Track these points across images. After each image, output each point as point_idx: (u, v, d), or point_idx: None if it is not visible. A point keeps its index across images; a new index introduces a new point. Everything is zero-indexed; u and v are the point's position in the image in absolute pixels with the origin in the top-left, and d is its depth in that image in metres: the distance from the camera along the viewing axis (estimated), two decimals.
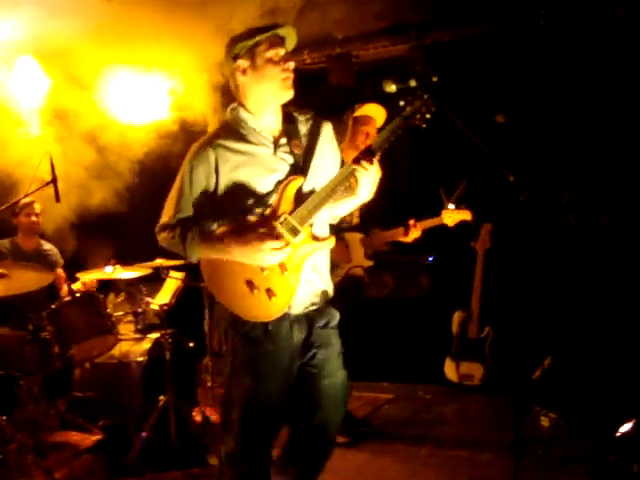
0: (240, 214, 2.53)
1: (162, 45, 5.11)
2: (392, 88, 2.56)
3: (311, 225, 2.55)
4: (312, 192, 2.56)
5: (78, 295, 4.56)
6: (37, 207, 5.18)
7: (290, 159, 2.60)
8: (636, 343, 4.54)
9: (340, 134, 3.34)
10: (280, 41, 2.55)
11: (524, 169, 4.69)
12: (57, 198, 4.06)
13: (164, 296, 5.21)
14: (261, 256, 2.44)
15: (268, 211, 2.52)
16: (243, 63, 2.56)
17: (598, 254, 5.01)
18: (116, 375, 4.51)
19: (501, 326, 5.28)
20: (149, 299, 4.93)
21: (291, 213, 2.50)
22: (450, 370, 5.47)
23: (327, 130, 2.73)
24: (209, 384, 5.49)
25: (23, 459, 4.02)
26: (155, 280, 5.25)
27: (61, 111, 5.52)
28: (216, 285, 2.57)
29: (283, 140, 2.62)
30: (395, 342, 5.72)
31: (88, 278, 4.84)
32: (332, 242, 2.60)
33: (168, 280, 5.26)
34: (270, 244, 2.43)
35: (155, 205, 7.17)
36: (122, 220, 6.15)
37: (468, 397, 5.26)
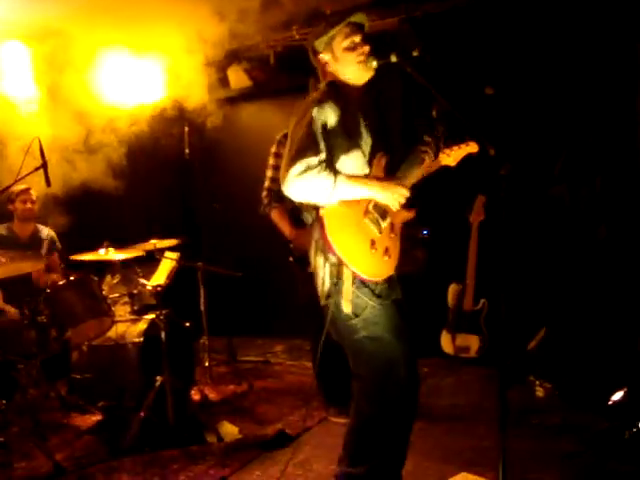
0: (350, 166, 2.74)
1: (153, 25, 5.08)
2: (373, 64, 2.60)
3: None
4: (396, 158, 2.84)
5: (73, 278, 4.57)
6: (33, 193, 5.16)
7: (371, 127, 2.81)
8: (628, 313, 4.56)
9: None
10: (354, 28, 2.77)
11: (513, 141, 4.72)
12: (47, 183, 4.05)
13: (159, 277, 5.23)
14: (397, 196, 2.72)
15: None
16: (324, 57, 2.83)
17: (592, 224, 5.01)
18: (113, 356, 4.53)
19: (496, 298, 5.29)
20: (144, 280, 4.94)
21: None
22: (446, 342, 5.50)
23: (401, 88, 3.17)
24: (206, 363, 5.55)
25: (24, 442, 4.06)
26: (150, 261, 5.27)
27: (51, 94, 5.51)
28: (342, 242, 2.66)
29: (367, 112, 2.83)
30: None
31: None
32: (415, 213, 2.88)
33: (163, 261, 5.27)
34: (402, 185, 2.75)
35: (148, 186, 7.21)
36: (116, 201, 6.16)
37: (464, 369, 5.30)
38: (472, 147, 2.95)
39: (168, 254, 5.26)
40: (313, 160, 2.60)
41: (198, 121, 5.96)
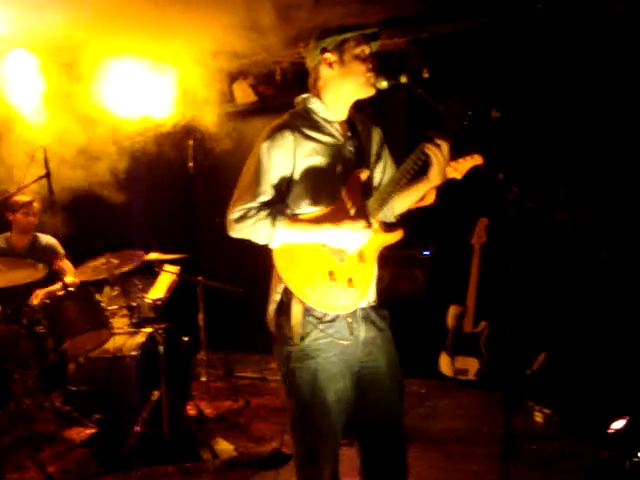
0: (309, 202, 2.54)
1: (160, 40, 5.10)
2: (383, 85, 2.54)
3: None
4: (372, 186, 2.66)
5: (72, 289, 4.54)
6: (36, 206, 5.10)
7: (354, 152, 2.66)
8: (630, 340, 4.54)
9: None
10: (367, 40, 2.61)
11: (518, 164, 4.72)
12: (50, 191, 4.05)
13: (159, 290, 5.21)
14: (352, 237, 2.50)
15: (337, 202, 2.55)
16: (331, 57, 2.60)
17: (594, 250, 5.00)
18: (110, 369, 4.49)
19: (497, 321, 5.28)
20: (144, 293, 4.92)
21: (360, 205, 2.57)
22: (445, 364, 5.47)
23: (380, 134, 2.80)
24: (204, 378, 5.52)
25: (17, 453, 4.03)
26: (150, 274, 5.26)
27: (57, 103, 5.51)
28: (294, 276, 2.49)
29: (349, 134, 2.68)
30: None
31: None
32: (401, 234, 2.66)
33: (163, 274, 5.26)
34: (360, 224, 2.48)
35: (151, 199, 7.20)
36: (117, 213, 6.15)
37: (463, 392, 5.27)
38: (477, 159, 2.87)
39: (168, 267, 5.25)
40: (251, 205, 2.45)
41: (203, 135, 5.97)
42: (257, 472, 3.87)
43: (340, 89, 2.62)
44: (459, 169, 2.97)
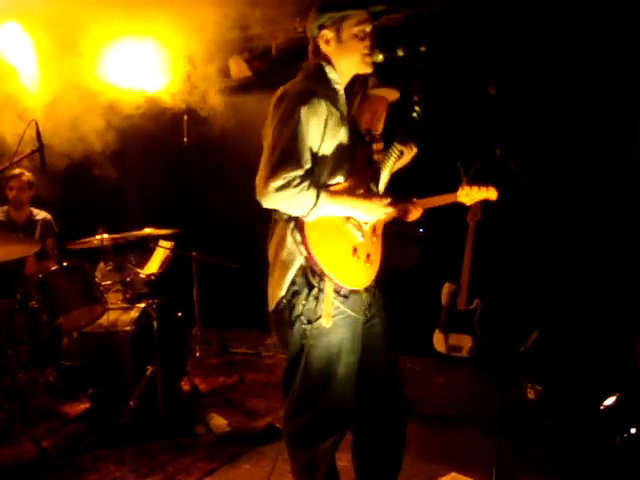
0: (331, 173, 2.52)
1: (155, 13, 5.04)
2: (379, 58, 2.51)
3: None
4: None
5: (66, 264, 4.53)
6: (24, 179, 5.09)
7: (354, 126, 2.65)
8: (622, 317, 4.56)
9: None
10: (370, 18, 2.54)
11: (515, 142, 4.69)
12: (43, 164, 4.00)
13: (153, 265, 5.20)
14: (380, 212, 2.56)
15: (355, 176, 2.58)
16: (328, 34, 2.55)
17: (586, 228, 5.00)
18: (104, 344, 4.50)
19: (490, 299, 5.29)
20: (137, 268, 4.91)
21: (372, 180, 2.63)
22: (439, 342, 5.48)
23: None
24: (198, 354, 5.53)
25: (11, 427, 4.03)
26: (144, 249, 5.24)
27: (50, 76, 5.45)
28: (323, 251, 2.46)
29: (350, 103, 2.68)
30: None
31: None
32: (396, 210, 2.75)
33: (157, 249, 5.25)
34: (387, 200, 2.56)
35: (145, 174, 7.15)
36: (111, 187, 6.12)
37: (456, 369, 5.28)
38: (491, 194, 2.90)
39: (162, 243, 5.23)
40: (296, 174, 2.35)
41: (198, 110, 5.92)
42: (251, 447, 3.89)
43: (339, 64, 2.58)
44: (471, 196, 2.99)
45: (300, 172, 2.36)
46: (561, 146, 5.15)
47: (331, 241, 2.50)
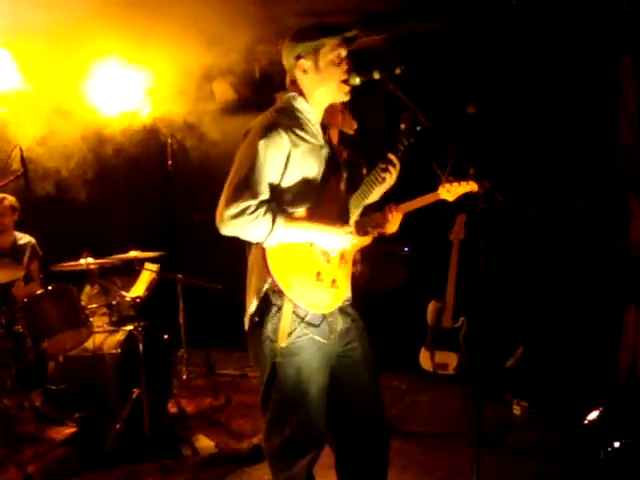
0: (297, 201, 2.55)
1: (140, 36, 5.07)
2: (356, 81, 2.55)
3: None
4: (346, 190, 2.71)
5: (51, 288, 4.53)
6: (7, 203, 5.06)
7: (330, 155, 2.67)
8: (604, 334, 4.60)
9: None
10: (343, 42, 2.59)
11: (494, 160, 4.76)
12: (27, 188, 4.03)
13: (139, 288, 5.20)
14: (341, 240, 2.59)
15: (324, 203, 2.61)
16: (305, 63, 2.58)
17: (569, 245, 5.06)
18: (90, 368, 4.49)
19: (475, 316, 5.32)
20: (123, 291, 4.91)
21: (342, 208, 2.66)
22: (425, 359, 5.51)
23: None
24: (184, 376, 5.52)
25: None
26: (130, 272, 5.24)
27: (34, 99, 5.47)
28: (284, 274, 2.50)
29: (325, 136, 2.69)
30: (371, 332, 5.74)
31: None
32: (371, 238, 2.78)
33: (143, 272, 5.25)
34: (349, 229, 2.61)
35: (131, 197, 7.15)
36: (97, 211, 6.13)
37: (443, 386, 5.30)
38: (472, 186, 2.93)
39: (148, 265, 5.24)
40: (251, 203, 2.41)
41: (182, 133, 5.96)
42: (238, 468, 3.89)
43: (317, 93, 2.62)
44: (452, 192, 3.03)
45: (254, 202, 2.42)
46: (540, 163, 5.23)
47: (293, 265, 2.53)
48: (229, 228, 2.45)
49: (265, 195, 2.46)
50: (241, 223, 2.42)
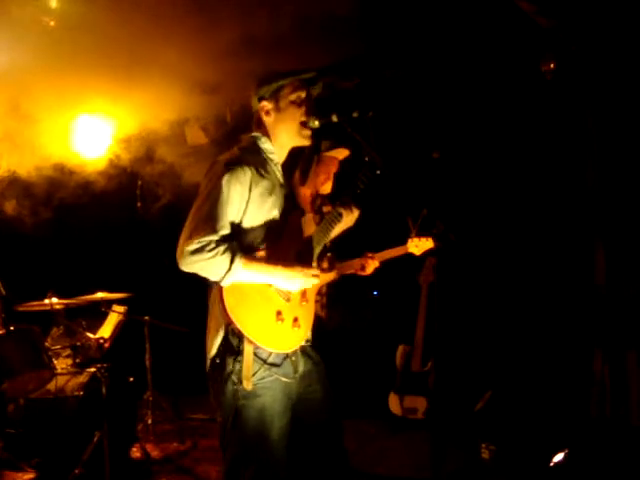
0: (256, 240, 2.56)
1: (109, 80, 5.11)
2: (315, 124, 2.61)
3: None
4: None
5: (12, 329, 4.44)
6: None
7: (287, 195, 2.71)
8: (572, 376, 4.62)
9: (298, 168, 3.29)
10: (303, 84, 2.66)
11: (460, 201, 4.83)
12: None
13: (105, 330, 5.14)
14: (302, 281, 2.57)
15: (283, 242, 2.62)
16: (267, 105, 2.67)
17: (537, 287, 5.10)
18: (51, 410, 4.37)
19: (444, 360, 5.31)
20: (89, 332, 4.85)
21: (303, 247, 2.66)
22: (394, 404, 5.47)
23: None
24: (149, 420, 5.41)
25: None
26: (97, 313, 5.18)
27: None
28: (243, 315, 2.47)
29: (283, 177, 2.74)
30: (339, 376, 5.70)
31: None
32: (335, 274, 2.82)
33: (110, 313, 5.19)
34: (311, 270, 2.59)
35: (99, 239, 7.11)
36: (64, 252, 6.08)
37: (412, 431, 5.25)
38: (434, 243, 3.01)
39: (115, 307, 5.19)
40: (211, 238, 2.40)
41: (153, 175, 5.97)
42: None
43: (280, 134, 2.69)
44: (420, 247, 3.27)
45: (215, 237, 2.42)
46: (506, 208, 5.31)
47: (252, 304, 2.51)
48: (188, 264, 2.43)
49: (226, 230, 2.47)
50: (200, 259, 2.41)
